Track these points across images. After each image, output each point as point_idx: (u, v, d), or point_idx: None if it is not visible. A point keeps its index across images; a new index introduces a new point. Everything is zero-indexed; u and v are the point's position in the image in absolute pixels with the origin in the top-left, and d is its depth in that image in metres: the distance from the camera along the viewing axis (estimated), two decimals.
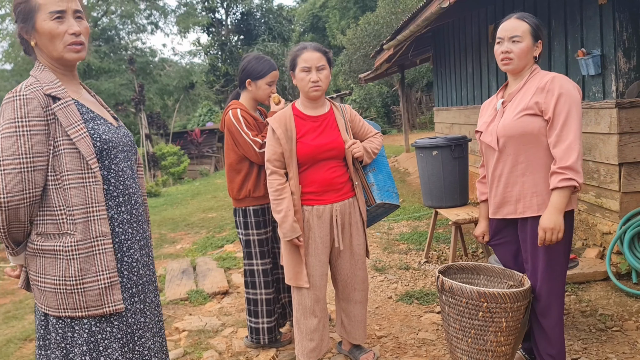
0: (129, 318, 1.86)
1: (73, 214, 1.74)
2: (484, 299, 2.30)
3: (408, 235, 5.77)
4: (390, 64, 9.87)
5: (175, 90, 24.11)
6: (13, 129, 1.65)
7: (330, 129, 2.77)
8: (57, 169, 1.73)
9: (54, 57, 1.79)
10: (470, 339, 2.39)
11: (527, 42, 2.36)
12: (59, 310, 1.75)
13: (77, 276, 1.74)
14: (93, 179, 1.77)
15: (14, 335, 4.63)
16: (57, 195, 1.73)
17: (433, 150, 4.38)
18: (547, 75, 2.35)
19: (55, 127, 1.73)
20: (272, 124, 2.73)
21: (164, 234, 8.48)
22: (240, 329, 3.70)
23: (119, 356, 1.82)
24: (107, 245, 1.79)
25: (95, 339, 1.78)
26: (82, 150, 1.75)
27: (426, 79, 22.43)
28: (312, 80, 2.67)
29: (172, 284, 4.89)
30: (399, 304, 3.89)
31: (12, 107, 1.66)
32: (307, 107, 2.78)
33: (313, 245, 2.76)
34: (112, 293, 1.79)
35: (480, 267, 2.75)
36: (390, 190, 2.91)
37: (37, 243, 1.75)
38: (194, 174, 19.83)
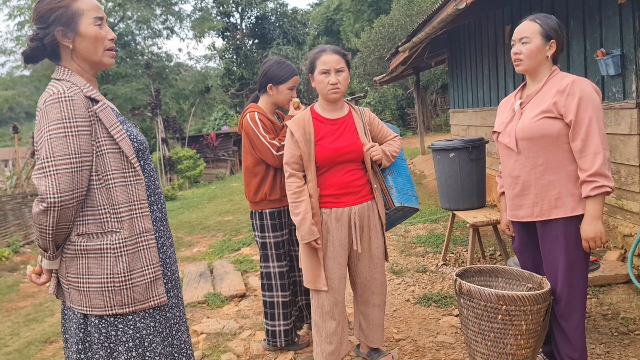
0: (167, 312, 1.92)
1: (119, 212, 1.78)
2: (502, 301, 2.28)
3: (425, 238, 5.74)
4: (405, 66, 9.85)
5: (191, 95, 24.28)
6: (62, 130, 1.67)
7: (349, 132, 2.76)
8: (100, 168, 1.77)
9: (93, 60, 1.85)
10: (489, 342, 2.37)
11: (535, 43, 2.35)
12: (105, 308, 1.77)
13: (125, 272, 1.77)
14: (136, 178, 1.84)
15: (34, 338, 4.69)
16: (100, 194, 1.77)
17: (450, 152, 4.35)
18: (567, 78, 2.32)
19: (97, 128, 1.77)
20: (290, 126, 2.73)
21: (180, 237, 8.54)
22: (258, 332, 3.70)
23: (161, 350, 1.87)
24: (150, 241, 1.85)
25: (140, 334, 1.82)
26: (124, 149, 1.81)
27: (441, 81, 22.35)
28: (331, 83, 2.66)
29: (189, 287, 4.92)
30: (416, 306, 3.87)
31: (59, 108, 1.69)
32: (326, 110, 2.79)
33: (331, 248, 2.75)
34: (156, 287, 1.85)
35: (498, 270, 2.72)
36: (409, 194, 2.89)
37: (80, 243, 1.77)
38: (210, 178, 19.95)
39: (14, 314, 6.00)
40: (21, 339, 4.86)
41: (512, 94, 2.62)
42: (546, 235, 2.41)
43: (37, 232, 1.71)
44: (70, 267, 1.79)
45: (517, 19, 5.52)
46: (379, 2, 31.60)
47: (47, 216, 1.66)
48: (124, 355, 1.79)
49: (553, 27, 2.38)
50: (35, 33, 1.80)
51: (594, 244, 2.28)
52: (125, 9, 22.31)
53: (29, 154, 14.19)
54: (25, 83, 23.72)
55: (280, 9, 30.20)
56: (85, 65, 1.86)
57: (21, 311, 6.08)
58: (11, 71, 22.92)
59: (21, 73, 23.02)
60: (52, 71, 1.89)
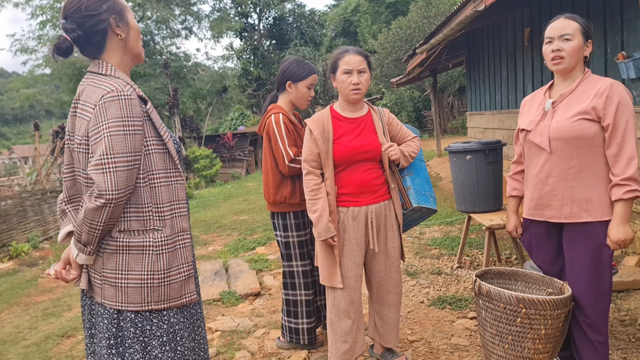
0: (191, 309, 1.96)
1: (162, 211, 1.82)
2: (522, 305, 2.26)
3: (440, 240, 5.72)
4: (422, 68, 9.83)
5: (208, 94, 24.44)
6: (121, 128, 1.70)
7: (368, 131, 2.78)
8: (146, 167, 1.80)
9: (136, 53, 1.93)
10: (507, 345, 2.35)
11: (578, 40, 2.33)
12: (142, 304, 1.80)
13: (164, 270, 1.81)
14: (177, 178, 1.88)
15: (52, 332, 4.76)
16: (145, 192, 1.79)
17: (467, 154, 4.34)
18: (604, 81, 2.30)
19: (147, 127, 1.81)
20: (310, 124, 2.76)
21: (196, 235, 8.60)
22: (272, 330, 3.72)
23: (188, 344, 1.91)
24: (187, 240, 1.89)
25: (173, 329, 1.86)
26: (170, 150, 1.86)
27: (458, 84, 22.23)
28: (353, 83, 2.69)
29: (205, 285, 4.96)
30: (431, 308, 3.86)
31: (118, 105, 1.71)
32: (346, 110, 2.81)
33: (348, 247, 2.77)
34: (189, 285, 1.89)
35: (518, 273, 2.70)
36: (427, 195, 2.89)
37: (122, 240, 1.79)
38: (226, 177, 20.06)
39: (33, 308, 6.10)
40: (39, 332, 4.94)
41: (538, 92, 2.58)
42: (573, 238, 2.37)
43: (86, 227, 1.72)
44: (107, 262, 1.80)
45: (536, 22, 5.48)
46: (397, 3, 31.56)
47: (102, 212, 1.69)
48: (157, 349, 1.83)
49: (589, 26, 2.39)
50: (79, 23, 1.80)
51: (623, 246, 2.27)
52: (145, 9, 22.53)
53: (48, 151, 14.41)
54: (46, 81, 24.06)
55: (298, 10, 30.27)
56: (128, 58, 1.91)
57: (39, 305, 6.18)
58: (32, 69, 23.24)
59: (42, 72, 23.35)
60: (72, 70, 1.91)
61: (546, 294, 2.57)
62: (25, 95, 23.31)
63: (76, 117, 1.79)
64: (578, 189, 2.32)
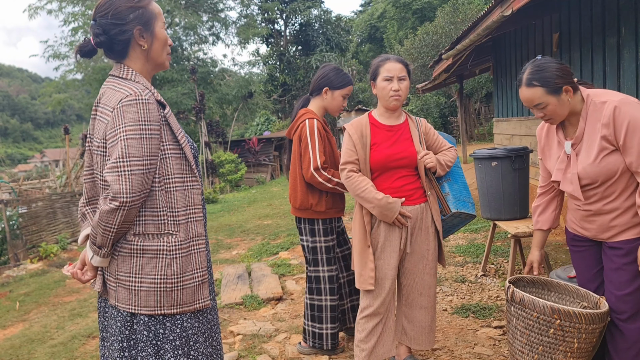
0: (208, 314, 1.96)
1: (177, 215, 1.83)
2: (557, 315, 2.18)
3: (465, 248, 5.65)
4: (448, 74, 9.74)
5: (234, 100, 24.65)
6: (138, 132, 1.72)
7: (404, 139, 2.81)
8: (162, 171, 1.81)
9: (158, 62, 1.94)
10: (536, 355, 2.28)
11: (551, 102, 2.22)
12: (155, 308, 1.81)
13: (178, 274, 1.82)
14: (193, 183, 1.89)
15: (78, 332, 4.84)
16: (160, 196, 1.81)
17: (492, 161, 4.28)
18: (606, 107, 2.17)
19: (164, 132, 1.82)
20: (349, 129, 2.81)
21: (220, 239, 8.66)
22: (294, 335, 3.72)
23: (203, 350, 1.92)
24: (201, 245, 1.90)
25: (186, 333, 1.87)
26: (187, 155, 1.88)
27: (485, 90, 22.00)
28: (393, 90, 2.73)
29: (227, 288, 4.99)
30: (454, 316, 3.81)
31: (136, 109, 1.73)
32: (384, 117, 2.85)
33: (383, 250, 2.78)
34: (202, 290, 1.90)
35: (552, 284, 2.63)
36: (466, 200, 2.90)
37: (136, 243, 1.80)
38: (251, 182, 20.18)
39: (60, 308, 6.22)
40: (66, 332, 5.03)
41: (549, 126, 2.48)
42: (613, 255, 2.30)
43: (101, 229, 1.74)
44: (122, 265, 1.81)
45: (565, 27, 5.40)
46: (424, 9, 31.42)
47: (116, 215, 1.71)
48: (170, 353, 1.83)
49: (553, 77, 2.20)
50: (104, 29, 1.82)
51: None
52: (174, 15, 22.86)
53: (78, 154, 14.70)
54: (77, 86, 24.57)
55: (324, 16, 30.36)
56: (150, 66, 1.93)
57: (67, 306, 6.30)
58: (64, 75, 23.79)
59: (73, 77, 23.88)
60: (103, 75, 1.95)
61: (581, 307, 2.50)
62: (57, 100, 23.84)
63: (96, 119, 1.82)
64: (617, 213, 2.25)
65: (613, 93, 2.21)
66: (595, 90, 2.28)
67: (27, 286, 7.98)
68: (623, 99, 2.15)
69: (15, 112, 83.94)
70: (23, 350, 4.76)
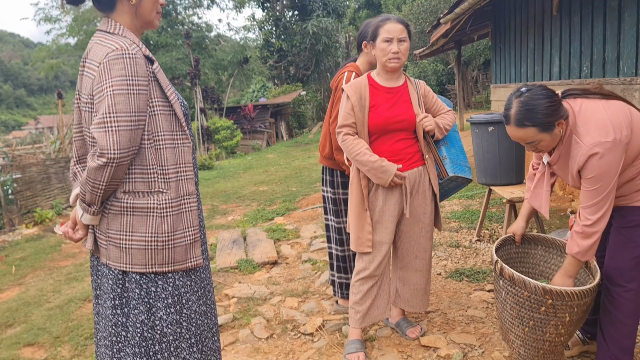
0: (202, 273, 1.96)
1: (167, 173, 1.81)
2: (549, 296, 2.16)
3: (460, 214, 5.66)
4: (446, 39, 9.61)
5: (230, 65, 24.35)
6: (125, 87, 1.68)
7: (403, 101, 2.77)
8: (151, 128, 1.78)
9: (147, 20, 1.88)
10: (527, 329, 2.28)
11: (545, 139, 2.14)
12: (146, 266, 1.80)
13: (169, 232, 1.80)
14: (184, 141, 1.86)
15: (74, 296, 4.87)
16: (150, 154, 1.78)
17: (489, 126, 4.25)
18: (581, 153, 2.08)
19: (153, 88, 1.78)
20: (347, 90, 2.75)
21: (216, 205, 8.66)
22: (288, 298, 3.75)
23: (196, 308, 1.92)
24: (192, 204, 1.88)
25: (179, 292, 1.87)
26: (177, 112, 1.84)
27: (483, 57, 21.77)
28: (392, 51, 2.67)
29: (222, 253, 5.00)
30: (448, 280, 3.84)
31: (122, 64, 1.69)
32: (383, 78, 2.79)
33: (380, 213, 2.77)
34: (194, 249, 1.89)
35: (539, 238, 2.63)
36: (462, 164, 2.88)
37: (127, 201, 1.78)
38: (246, 149, 20.11)
39: (56, 273, 6.24)
40: (62, 296, 5.06)
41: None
42: (618, 216, 2.28)
43: (89, 186, 1.72)
44: (112, 223, 1.80)
45: None
46: None
47: (104, 171, 1.68)
48: (162, 311, 1.83)
49: (545, 115, 2.09)
50: None
51: None
52: None
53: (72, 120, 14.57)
54: (71, 52, 24.20)
55: None
56: (138, 23, 1.87)
57: (63, 270, 6.32)
58: (56, 39, 23.39)
59: (66, 41, 23.48)
60: None
61: None
62: (49, 65, 23.52)
63: (84, 75, 1.78)
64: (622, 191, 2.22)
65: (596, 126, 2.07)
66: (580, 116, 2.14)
67: (22, 251, 8.00)
68: (599, 145, 2.04)
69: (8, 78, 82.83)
70: (20, 313, 4.79)
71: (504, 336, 2.50)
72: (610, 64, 4.45)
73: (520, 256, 2.65)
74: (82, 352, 3.64)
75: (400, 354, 2.85)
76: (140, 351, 1.82)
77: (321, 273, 4.22)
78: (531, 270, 2.68)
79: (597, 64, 4.66)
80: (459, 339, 2.92)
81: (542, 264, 2.67)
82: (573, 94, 2.25)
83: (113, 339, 1.84)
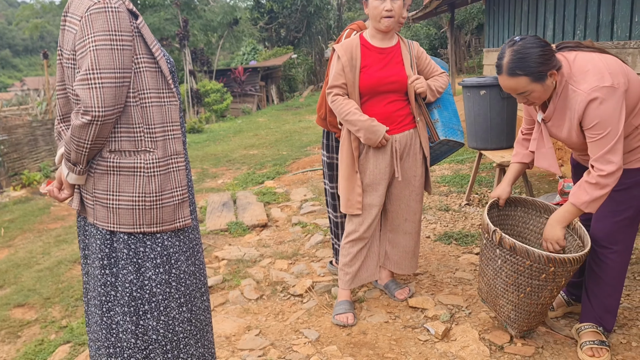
0: (190, 233, 1.94)
1: (154, 132, 1.76)
2: (552, 264, 2.17)
3: (450, 178, 5.68)
4: (439, 1, 9.46)
5: (219, 27, 23.88)
6: (108, 42, 1.63)
7: (395, 62, 2.72)
8: (137, 86, 1.73)
9: None
10: (523, 295, 2.31)
11: (537, 89, 2.11)
12: (134, 226, 1.78)
13: (157, 192, 1.78)
14: (171, 99, 1.82)
15: (64, 258, 4.87)
16: (136, 112, 1.74)
17: (481, 89, 4.21)
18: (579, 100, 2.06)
19: (137, 43, 1.72)
20: (338, 50, 2.70)
21: (206, 168, 8.63)
22: (278, 260, 3.77)
23: (185, 268, 1.91)
24: (180, 164, 1.85)
25: (167, 252, 1.85)
26: (163, 69, 1.78)
27: (477, 21, 21.51)
28: (385, 9, 2.58)
29: (212, 215, 5.00)
30: (437, 243, 3.87)
31: (105, 18, 1.63)
32: (375, 38, 2.73)
33: (371, 176, 2.76)
34: (182, 208, 1.86)
35: (519, 200, 2.64)
36: (455, 128, 2.85)
37: (113, 160, 1.75)
38: (237, 112, 19.95)
39: (45, 235, 6.23)
40: (52, 258, 5.06)
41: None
42: None
43: (74, 145, 1.68)
44: (99, 183, 1.77)
45: None
46: None
47: (89, 129, 1.64)
48: (151, 271, 1.83)
49: (537, 64, 2.06)
50: None
51: None
52: None
53: None
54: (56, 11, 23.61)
55: None
56: None
57: (52, 232, 6.31)
58: None
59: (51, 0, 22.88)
60: None
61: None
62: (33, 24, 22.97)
63: (65, 30, 1.71)
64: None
65: (593, 72, 2.05)
66: (576, 65, 2.12)
67: (11, 213, 7.96)
68: (597, 90, 2.01)
69: None
70: (9, 275, 4.79)
71: (489, 300, 2.53)
72: (604, 27, 4.40)
73: (500, 219, 2.66)
74: (73, 312, 3.66)
75: (389, 314, 2.89)
76: (130, 310, 1.82)
77: (311, 236, 4.23)
78: (509, 231, 2.70)
79: (591, 27, 4.61)
80: (447, 300, 2.96)
81: (520, 225, 2.70)
82: (567, 46, 2.23)
83: (102, 298, 1.84)
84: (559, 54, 2.16)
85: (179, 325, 1.90)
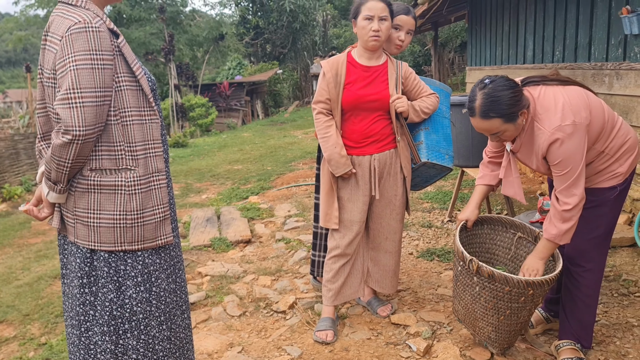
0: (171, 251, 1.94)
1: (135, 150, 1.77)
2: (531, 288, 2.22)
3: (433, 195, 5.73)
4: (423, 20, 9.61)
5: (205, 42, 23.94)
6: (89, 61, 1.64)
7: (380, 81, 2.75)
8: (118, 104, 1.74)
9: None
10: (503, 317, 2.34)
11: (510, 129, 2.18)
12: (115, 244, 1.78)
13: (138, 210, 1.78)
14: (152, 117, 1.82)
15: (44, 273, 4.80)
16: (117, 130, 1.74)
17: (462, 107, 4.28)
18: (544, 139, 2.13)
19: (118, 62, 1.74)
20: (324, 66, 2.74)
21: (190, 183, 8.59)
22: (262, 277, 3.76)
23: (166, 286, 1.91)
24: (162, 181, 1.85)
25: (148, 270, 1.85)
26: (144, 87, 1.79)
27: (460, 39, 21.84)
28: (373, 29, 2.64)
29: (196, 231, 4.98)
30: (419, 260, 3.90)
31: (86, 37, 1.64)
32: (362, 57, 2.77)
33: (351, 192, 2.80)
34: (164, 226, 1.87)
35: (484, 218, 2.69)
36: (442, 152, 2.84)
37: (93, 178, 1.75)
38: (222, 127, 19.90)
39: (25, 250, 6.13)
40: (32, 273, 4.98)
41: None
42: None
43: (55, 164, 1.68)
44: (79, 201, 1.77)
45: None
46: None
47: (69, 149, 1.64)
48: (132, 289, 1.82)
49: (509, 106, 2.12)
50: None
51: None
52: None
53: None
54: (40, 24, 23.50)
55: None
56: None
57: (32, 247, 6.21)
58: (25, 10, 22.66)
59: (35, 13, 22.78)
60: None
61: (516, 238, 2.61)
62: (17, 37, 22.82)
63: (46, 49, 1.72)
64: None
65: (554, 111, 2.12)
66: (539, 102, 2.18)
67: None
68: (560, 129, 2.09)
69: None
70: None
71: (467, 322, 2.54)
72: (582, 49, 4.51)
73: (469, 238, 2.70)
74: (53, 329, 3.61)
75: (371, 331, 2.90)
76: (110, 330, 1.81)
77: (294, 252, 4.24)
78: (478, 249, 2.75)
79: (570, 48, 4.72)
80: (429, 317, 2.98)
81: (488, 242, 2.75)
82: (533, 81, 2.29)
83: (81, 318, 1.83)
84: (525, 90, 2.22)
85: (159, 343, 1.89)
